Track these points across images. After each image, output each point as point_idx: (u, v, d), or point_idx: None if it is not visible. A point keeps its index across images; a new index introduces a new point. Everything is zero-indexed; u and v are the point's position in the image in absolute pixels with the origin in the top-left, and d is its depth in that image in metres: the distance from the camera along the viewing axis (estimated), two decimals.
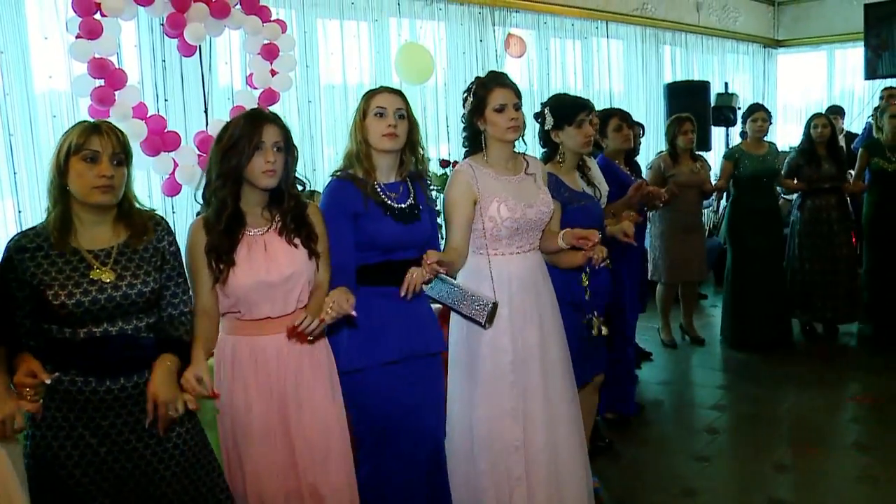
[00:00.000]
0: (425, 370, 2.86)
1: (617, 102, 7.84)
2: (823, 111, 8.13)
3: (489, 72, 3.07)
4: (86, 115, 4.07)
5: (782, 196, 6.51)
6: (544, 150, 3.45)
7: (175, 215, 4.57)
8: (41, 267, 2.17)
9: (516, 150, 3.06)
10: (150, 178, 4.47)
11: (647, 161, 6.14)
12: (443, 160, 5.22)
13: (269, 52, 4.66)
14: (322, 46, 5.61)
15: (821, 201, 5.77)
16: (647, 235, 5.39)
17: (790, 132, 9.43)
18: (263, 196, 2.55)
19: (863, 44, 9.14)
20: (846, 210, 5.88)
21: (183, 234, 2.65)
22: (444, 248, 2.99)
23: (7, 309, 2.18)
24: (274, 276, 2.49)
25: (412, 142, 2.81)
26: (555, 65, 7.39)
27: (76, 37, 3.95)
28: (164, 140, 4.26)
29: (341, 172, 2.79)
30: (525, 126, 3.00)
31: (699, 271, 5.94)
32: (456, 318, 3.00)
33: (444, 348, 2.97)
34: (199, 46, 4.52)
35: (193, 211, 3.96)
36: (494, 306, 2.82)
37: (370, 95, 2.78)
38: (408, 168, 2.84)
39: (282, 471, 2.57)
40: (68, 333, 2.18)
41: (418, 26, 6.16)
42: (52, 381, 2.13)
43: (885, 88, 7.62)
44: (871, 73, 9.18)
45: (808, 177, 5.68)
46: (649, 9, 8.30)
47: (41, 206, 4.17)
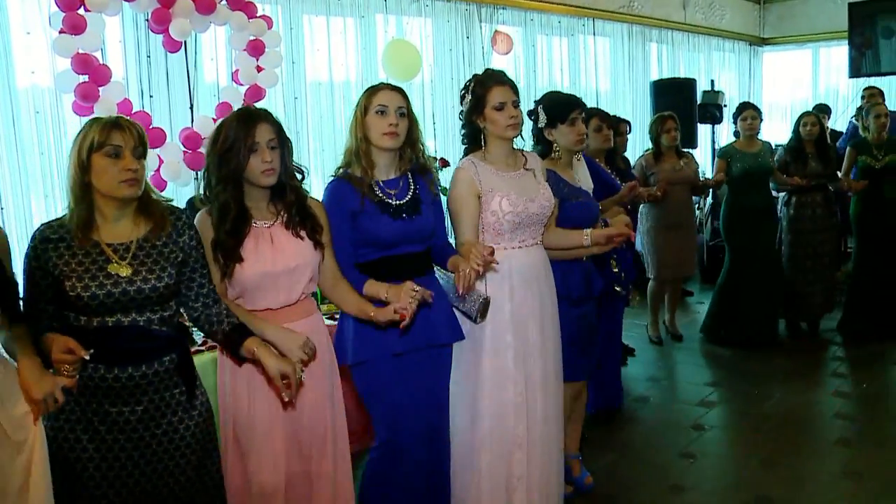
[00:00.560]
0: (431, 361, 2.88)
1: (603, 100, 7.87)
2: (810, 109, 8.23)
3: (486, 70, 3.10)
4: (70, 111, 4.05)
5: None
6: (537, 147, 3.46)
7: None
8: (63, 258, 2.22)
9: (514, 147, 3.08)
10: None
11: (635, 159, 6.14)
12: (441, 159, 5.22)
13: (255, 49, 4.65)
14: (308, 43, 5.60)
15: (806, 198, 5.80)
16: (637, 233, 5.39)
17: (776, 130, 9.46)
18: (266, 191, 2.58)
19: (847, 42, 9.20)
20: (831, 208, 5.92)
21: None
22: (456, 244, 3.01)
23: (33, 294, 2.26)
24: (280, 267, 2.54)
25: (412, 139, 2.82)
26: (541, 62, 7.40)
27: (59, 32, 3.92)
28: (149, 136, 4.21)
29: (339, 172, 2.81)
30: (523, 122, 3.03)
31: (688, 268, 5.96)
32: (458, 314, 3.00)
33: (454, 339, 2.95)
34: (185, 42, 4.50)
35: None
36: (486, 301, 2.84)
37: (371, 92, 2.78)
38: (407, 163, 2.84)
39: (283, 463, 2.60)
40: (83, 321, 2.24)
41: (405, 23, 6.15)
42: (89, 356, 2.15)
43: (866, 88, 7.67)
44: (854, 71, 9.25)
45: (795, 174, 5.70)
46: (636, 6, 8.32)
47: (24, 202, 4.16)
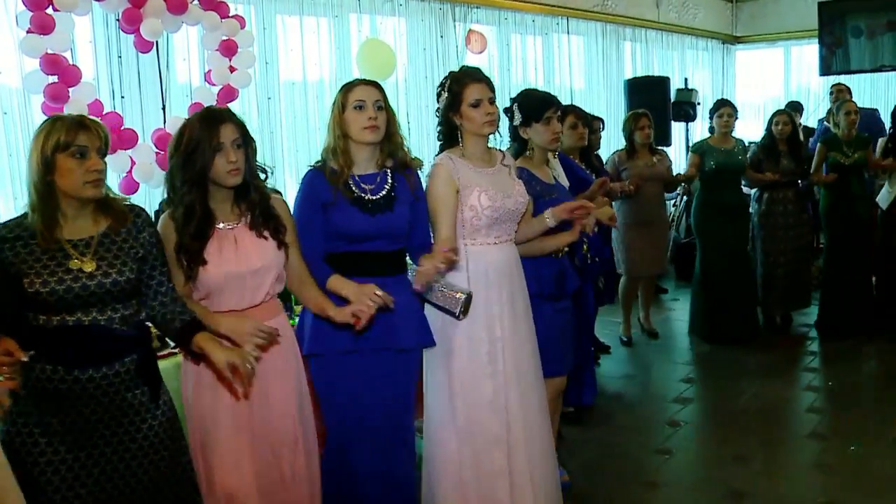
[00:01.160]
0: (392, 364, 2.85)
1: (578, 98, 7.89)
2: (782, 107, 8.32)
3: (462, 67, 3.13)
4: (38, 111, 4.01)
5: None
6: (513, 144, 3.47)
7: None
8: (19, 255, 2.20)
9: (490, 145, 3.10)
10: (107, 176, 4.39)
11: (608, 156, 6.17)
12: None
13: (228, 49, 4.62)
14: (282, 42, 5.57)
15: (778, 195, 5.87)
16: (612, 229, 5.41)
17: (749, 127, 9.55)
18: (230, 192, 2.57)
19: (817, 41, 9.30)
20: (802, 204, 6.00)
21: None
22: (433, 242, 2.98)
23: None
24: (244, 268, 2.53)
25: (390, 132, 2.82)
26: (516, 61, 7.41)
27: (27, 31, 3.87)
28: (120, 138, 4.20)
29: (317, 164, 2.84)
30: (500, 119, 3.04)
31: (658, 265, 5.96)
32: (430, 310, 2.98)
33: (419, 345, 2.94)
34: (157, 42, 4.47)
35: (151, 210, 3.92)
36: (469, 297, 2.84)
37: (348, 89, 2.79)
38: (386, 156, 2.84)
39: (249, 465, 2.58)
40: (42, 320, 2.21)
41: (378, 22, 6.13)
42: (28, 359, 2.14)
43: (834, 84, 7.79)
44: (825, 69, 9.36)
45: (767, 172, 5.76)
46: (609, 5, 8.35)
47: None
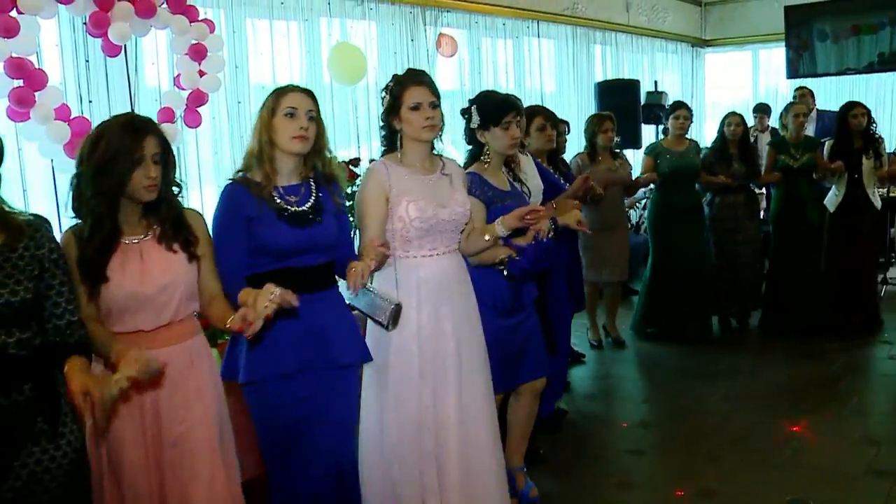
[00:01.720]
0: (332, 382, 2.71)
1: (548, 101, 7.92)
2: (751, 109, 8.43)
3: (407, 69, 3.01)
4: (3, 116, 3.96)
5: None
6: (470, 147, 3.37)
7: None
8: None
9: (435, 152, 3.00)
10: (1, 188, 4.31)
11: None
12: (353, 159, 4.92)
13: (197, 53, 4.59)
14: (251, 46, 5.56)
15: (729, 199, 5.88)
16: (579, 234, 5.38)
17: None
18: (140, 205, 2.39)
19: (784, 44, 9.43)
20: (754, 207, 6.05)
21: None
22: (357, 249, 2.89)
23: None
24: (148, 286, 2.34)
25: (318, 146, 2.69)
26: (486, 64, 7.44)
27: None
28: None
29: (237, 176, 2.67)
30: (443, 125, 2.93)
31: (620, 271, 5.84)
32: (369, 324, 2.90)
33: (359, 360, 2.81)
34: (125, 46, 4.43)
35: None
36: (398, 308, 2.72)
37: (280, 94, 2.64)
38: (310, 169, 2.72)
39: (157, 494, 2.41)
40: None
41: (349, 26, 6.13)
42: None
43: (798, 88, 7.89)
44: (792, 72, 9.51)
45: (718, 175, 5.77)
46: (579, 8, 8.41)
47: None
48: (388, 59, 6.34)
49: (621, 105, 7.98)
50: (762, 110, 8.25)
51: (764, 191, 6.41)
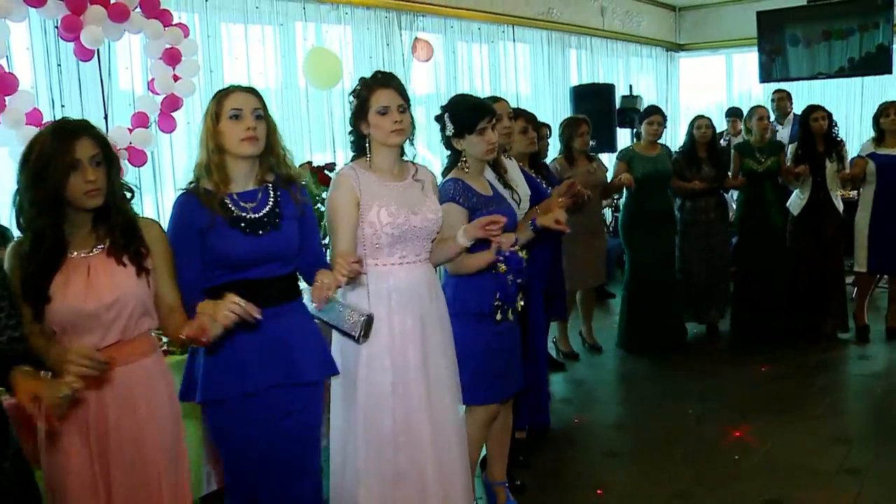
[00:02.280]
0: (294, 401, 2.58)
1: (524, 105, 7.90)
2: (724, 112, 8.51)
3: (375, 72, 2.87)
4: None
5: None
6: (448, 155, 3.25)
7: None
8: None
9: (405, 157, 2.90)
10: None
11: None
12: (328, 164, 4.77)
13: (172, 57, 4.56)
14: (226, 51, 5.53)
15: (699, 203, 5.90)
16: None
17: None
18: (89, 215, 2.26)
19: (757, 49, 9.54)
20: (724, 211, 6.07)
21: None
22: (330, 257, 2.79)
23: None
24: (93, 304, 2.19)
25: (271, 144, 2.54)
26: (462, 68, 7.45)
27: None
28: None
29: (188, 186, 2.53)
30: (413, 129, 2.83)
31: (599, 277, 5.81)
32: (335, 336, 2.79)
33: (322, 376, 2.69)
34: (98, 50, 4.40)
35: None
36: (369, 319, 2.61)
37: (222, 96, 2.49)
38: (267, 171, 2.58)
39: None
40: None
41: (324, 30, 6.13)
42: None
43: (775, 91, 7.98)
44: (765, 76, 9.61)
45: (689, 179, 5.80)
46: (554, 13, 8.46)
47: None
48: (363, 63, 6.33)
49: (596, 109, 8.04)
50: (734, 114, 8.31)
51: (730, 194, 6.41)
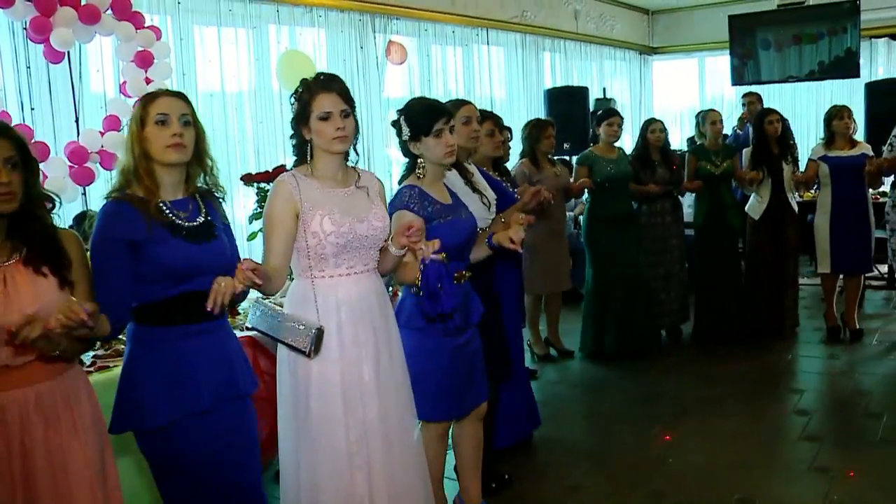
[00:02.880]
0: (237, 415, 2.48)
1: (498, 108, 7.99)
2: (696, 114, 8.56)
3: (316, 74, 2.73)
4: None
5: None
6: (406, 160, 3.11)
7: None
8: None
9: (349, 163, 2.76)
10: None
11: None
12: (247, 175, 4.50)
13: (144, 60, 4.55)
14: (199, 54, 5.51)
15: (656, 206, 5.90)
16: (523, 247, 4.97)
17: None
18: (3, 222, 2.13)
19: (729, 52, 9.65)
20: (679, 213, 6.09)
21: None
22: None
23: None
24: (11, 316, 2.04)
25: (199, 151, 2.41)
26: (436, 71, 7.48)
27: None
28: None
29: (117, 193, 2.36)
30: (358, 134, 2.70)
31: (565, 280, 5.72)
32: (282, 351, 2.65)
33: (254, 388, 2.57)
34: (68, 53, 4.37)
35: (65, 226, 3.82)
36: (319, 332, 2.49)
37: (147, 101, 2.36)
38: (195, 182, 2.46)
39: None
40: None
41: (298, 33, 6.13)
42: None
43: (745, 94, 8.06)
44: (737, 79, 9.72)
45: (644, 182, 5.79)
46: (528, 17, 8.50)
47: None
48: (337, 66, 6.33)
49: (570, 112, 8.10)
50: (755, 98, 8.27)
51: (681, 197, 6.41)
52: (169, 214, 2.34)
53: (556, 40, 9.13)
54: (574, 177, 5.69)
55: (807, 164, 5.92)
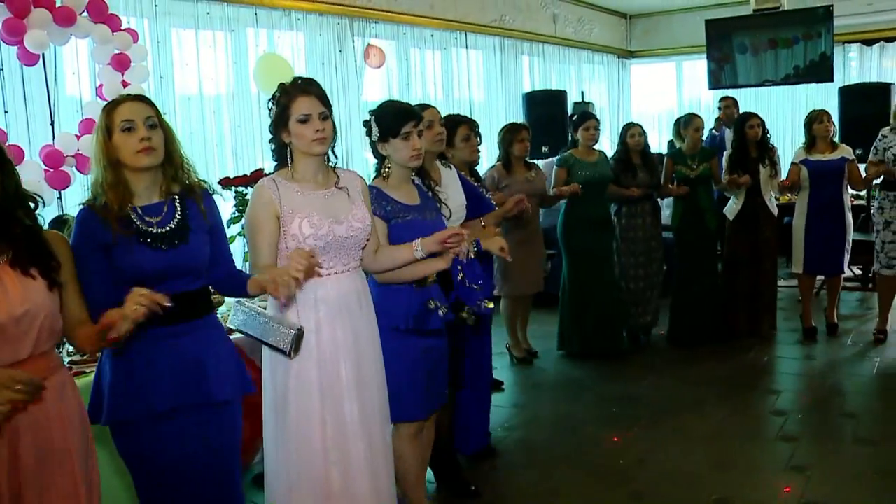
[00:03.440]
0: (208, 423, 2.46)
1: (477, 111, 8.01)
2: (675, 118, 8.61)
3: (294, 78, 2.76)
4: None
5: None
6: (375, 161, 3.17)
7: None
8: None
9: (330, 164, 2.80)
10: None
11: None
12: (224, 179, 4.56)
13: (120, 63, 4.50)
14: (177, 56, 5.47)
15: (636, 208, 5.94)
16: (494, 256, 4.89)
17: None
18: None
19: (706, 56, 9.72)
20: (658, 215, 6.14)
21: None
22: (248, 271, 2.73)
23: None
24: (2, 316, 2.06)
25: (170, 152, 2.42)
26: (415, 75, 7.48)
27: None
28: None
29: (88, 201, 2.40)
30: (335, 137, 2.74)
31: (537, 284, 5.70)
32: (266, 351, 2.70)
33: (237, 394, 2.56)
34: (43, 55, 4.33)
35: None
36: (299, 333, 2.53)
37: (111, 109, 2.36)
38: (169, 183, 2.45)
39: None
40: None
41: (276, 37, 6.10)
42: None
43: (722, 98, 8.14)
44: (714, 83, 9.79)
45: (625, 185, 5.83)
46: (507, 20, 8.53)
47: None
48: (316, 70, 6.31)
49: (549, 115, 8.13)
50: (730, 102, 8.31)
51: (660, 200, 6.46)
52: (136, 221, 2.36)
53: (534, 44, 9.15)
54: (553, 180, 5.71)
55: (790, 169, 6.00)
